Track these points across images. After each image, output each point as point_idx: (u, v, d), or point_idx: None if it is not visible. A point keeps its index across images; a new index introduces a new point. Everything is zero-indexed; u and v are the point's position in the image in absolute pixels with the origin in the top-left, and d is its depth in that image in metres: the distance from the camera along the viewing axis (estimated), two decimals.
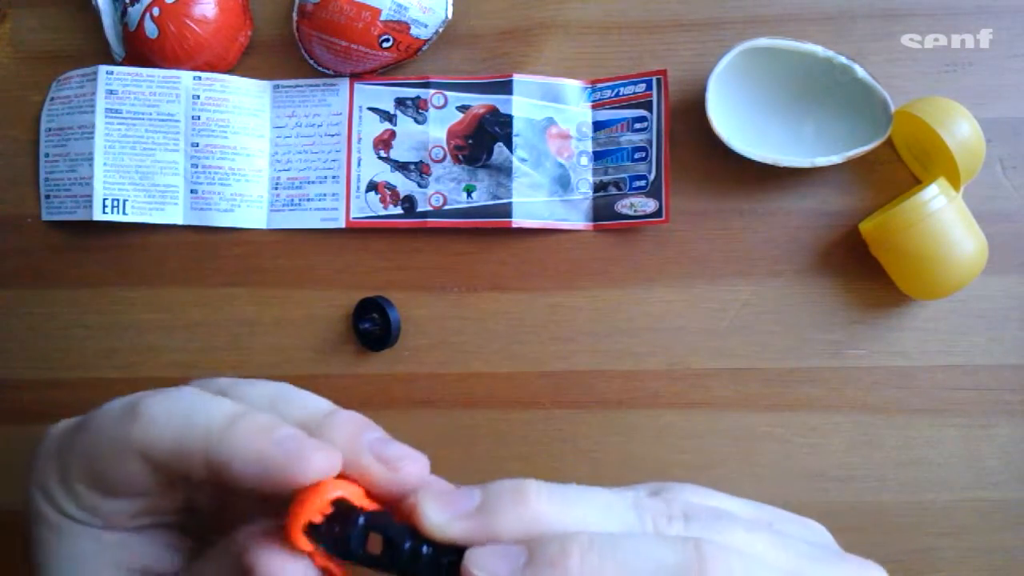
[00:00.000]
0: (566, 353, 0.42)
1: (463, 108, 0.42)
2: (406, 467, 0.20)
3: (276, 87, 0.43)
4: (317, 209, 0.42)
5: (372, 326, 0.41)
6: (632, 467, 0.41)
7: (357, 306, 0.42)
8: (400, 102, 0.42)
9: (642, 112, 0.42)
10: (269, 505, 0.21)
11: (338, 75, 0.43)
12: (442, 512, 0.19)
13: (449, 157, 0.42)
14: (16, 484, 0.45)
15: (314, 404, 0.23)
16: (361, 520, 0.19)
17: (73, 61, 0.43)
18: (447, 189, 0.42)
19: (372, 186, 0.42)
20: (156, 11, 0.40)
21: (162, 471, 0.22)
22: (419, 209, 0.42)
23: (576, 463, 0.41)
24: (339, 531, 0.19)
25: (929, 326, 0.41)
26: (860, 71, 0.39)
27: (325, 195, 0.42)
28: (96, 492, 0.23)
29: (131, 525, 0.24)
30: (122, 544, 0.24)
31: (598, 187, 0.42)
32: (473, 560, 0.18)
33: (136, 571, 0.24)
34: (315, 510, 0.19)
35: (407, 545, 0.19)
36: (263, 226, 0.43)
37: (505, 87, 0.42)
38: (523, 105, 0.42)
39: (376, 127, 0.42)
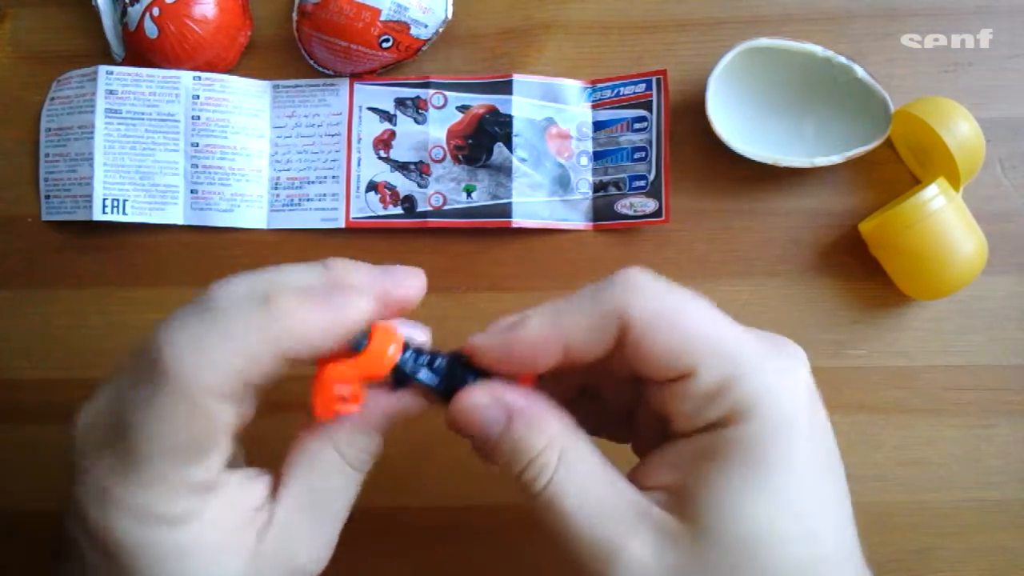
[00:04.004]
0: None
1: (463, 108, 0.42)
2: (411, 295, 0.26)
3: (276, 87, 0.43)
4: (317, 209, 0.42)
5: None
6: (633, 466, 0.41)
7: None
8: (400, 102, 0.42)
9: (642, 112, 0.42)
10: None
11: (338, 75, 0.43)
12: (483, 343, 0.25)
13: (449, 157, 0.42)
14: (16, 484, 0.45)
15: (305, 269, 0.25)
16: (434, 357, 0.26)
17: (73, 61, 0.43)
18: (447, 189, 0.42)
19: (372, 186, 0.42)
20: (156, 11, 0.40)
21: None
22: (419, 209, 0.42)
23: None
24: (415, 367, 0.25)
25: (929, 326, 0.41)
26: (860, 71, 0.39)
27: (325, 195, 0.42)
28: (178, 457, 0.21)
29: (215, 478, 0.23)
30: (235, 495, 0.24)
31: (598, 187, 0.42)
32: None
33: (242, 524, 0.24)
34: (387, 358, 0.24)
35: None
36: (263, 226, 0.43)
37: (505, 87, 0.42)
38: (523, 105, 0.42)
39: (376, 127, 0.42)
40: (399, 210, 0.42)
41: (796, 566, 0.22)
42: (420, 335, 0.27)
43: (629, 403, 0.28)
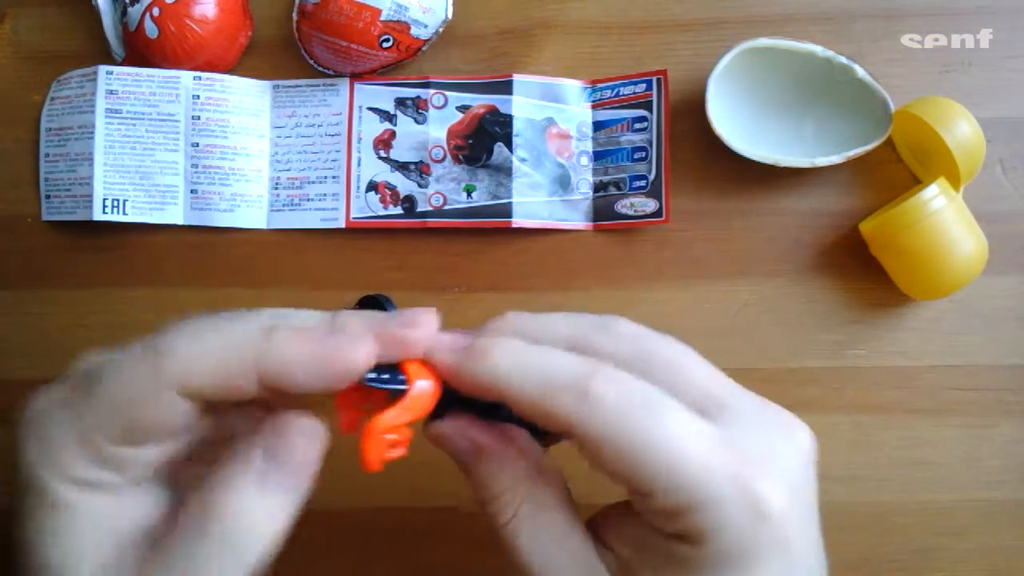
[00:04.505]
0: None
1: (463, 108, 0.42)
2: (415, 335, 0.24)
3: (276, 87, 0.43)
4: (317, 209, 0.42)
5: None
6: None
7: (357, 304, 0.42)
8: (400, 102, 0.42)
9: (642, 112, 0.42)
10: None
11: (338, 75, 0.43)
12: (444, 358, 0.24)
13: (449, 157, 0.42)
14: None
15: (310, 314, 0.24)
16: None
17: (73, 61, 0.43)
18: (447, 189, 0.42)
19: (372, 186, 0.42)
20: (156, 11, 0.40)
21: (201, 401, 0.22)
22: (419, 209, 0.42)
23: (578, 462, 0.41)
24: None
25: (929, 326, 0.41)
26: (860, 71, 0.39)
27: (325, 195, 0.42)
28: (126, 444, 0.22)
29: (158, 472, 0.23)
30: (134, 504, 0.23)
31: (598, 187, 0.42)
32: (434, 346, 0.24)
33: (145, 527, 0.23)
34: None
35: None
36: (263, 226, 0.43)
37: (505, 87, 0.42)
38: (523, 105, 0.42)
39: (376, 127, 0.42)
40: (399, 210, 0.42)
41: None
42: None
43: None
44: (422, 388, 0.24)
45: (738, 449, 0.22)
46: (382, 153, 0.42)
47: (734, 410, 0.23)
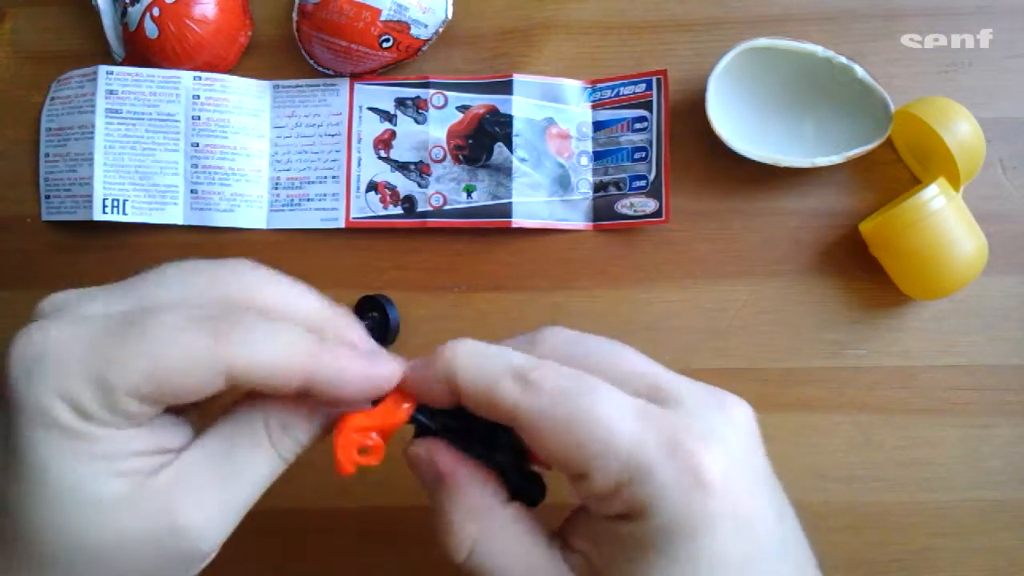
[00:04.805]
0: None
1: (463, 108, 0.42)
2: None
3: (276, 87, 0.43)
4: (317, 209, 0.42)
5: (372, 324, 0.41)
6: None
7: (357, 304, 0.42)
8: (400, 102, 0.42)
9: (642, 112, 0.42)
10: None
11: (338, 75, 0.43)
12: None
13: (449, 157, 0.42)
14: None
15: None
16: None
17: (73, 61, 0.43)
18: (447, 189, 0.42)
19: (372, 186, 0.42)
20: (156, 11, 0.40)
21: (235, 386, 0.23)
22: (419, 209, 0.42)
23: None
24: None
25: (929, 326, 0.41)
26: (860, 71, 0.39)
27: (325, 195, 0.42)
28: (144, 403, 0.22)
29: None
30: (137, 436, 0.23)
31: (598, 187, 0.42)
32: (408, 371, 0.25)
33: (148, 454, 0.23)
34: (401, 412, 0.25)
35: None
36: (263, 226, 0.43)
37: (505, 87, 0.42)
38: (523, 105, 0.42)
39: (376, 127, 0.42)
40: (399, 210, 0.42)
41: None
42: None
43: None
44: (394, 399, 0.25)
45: (674, 424, 0.23)
46: (382, 153, 0.42)
47: (671, 393, 0.24)
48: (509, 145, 0.41)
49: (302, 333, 0.24)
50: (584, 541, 0.25)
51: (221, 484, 0.24)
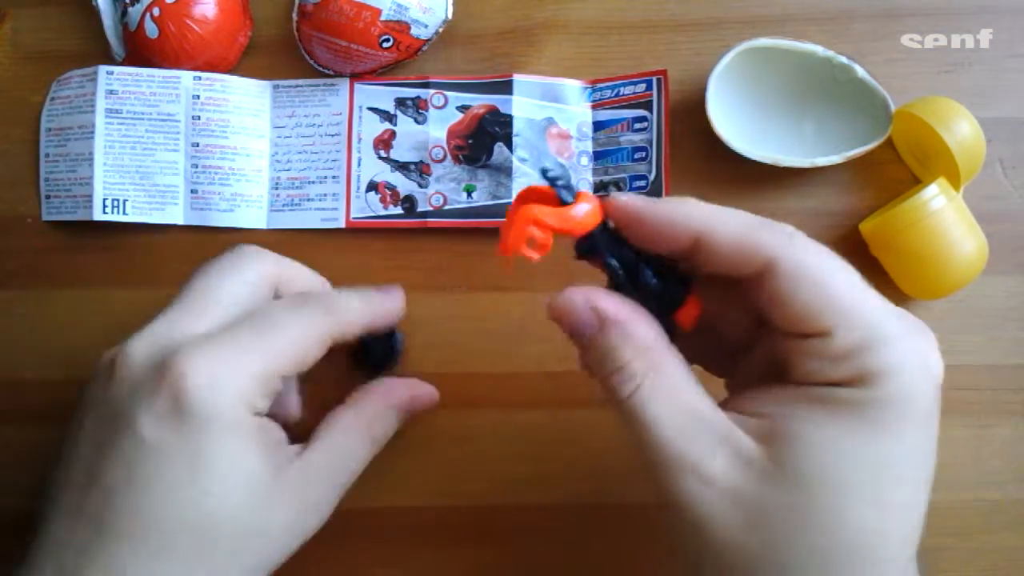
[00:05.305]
0: (568, 353, 0.42)
1: (463, 108, 0.42)
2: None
3: (276, 87, 0.43)
4: (317, 209, 0.42)
5: (373, 346, 0.40)
6: (637, 466, 0.41)
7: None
8: (400, 102, 0.42)
9: (642, 112, 0.42)
10: None
11: (338, 75, 0.43)
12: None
13: (449, 157, 0.42)
14: (18, 485, 0.45)
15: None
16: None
17: (73, 61, 0.43)
18: (447, 189, 0.42)
19: (372, 186, 0.42)
20: (156, 11, 0.40)
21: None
22: (419, 209, 0.42)
23: (579, 463, 0.41)
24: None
25: (929, 326, 0.41)
26: (860, 71, 0.39)
27: (325, 195, 0.42)
28: (289, 374, 0.29)
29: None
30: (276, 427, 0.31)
31: (598, 187, 0.42)
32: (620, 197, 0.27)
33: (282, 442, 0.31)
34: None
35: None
36: (263, 226, 0.43)
37: (505, 87, 0.42)
38: (523, 105, 0.42)
39: (376, 127, 0.42)
40: (399, 210, 0.42)
41: (860, 532, 0.22)
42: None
43: (744, 341, 0.28)
44: (584, 207, 0.26)
45: (905, 318, 0.25)
46: (382, 153, 0.42)
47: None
48: (509, 145, 0.41)
49: (351, 293, 0.33)
50: (760, 405, 0.25)
51: (334, 477, 0.31)
